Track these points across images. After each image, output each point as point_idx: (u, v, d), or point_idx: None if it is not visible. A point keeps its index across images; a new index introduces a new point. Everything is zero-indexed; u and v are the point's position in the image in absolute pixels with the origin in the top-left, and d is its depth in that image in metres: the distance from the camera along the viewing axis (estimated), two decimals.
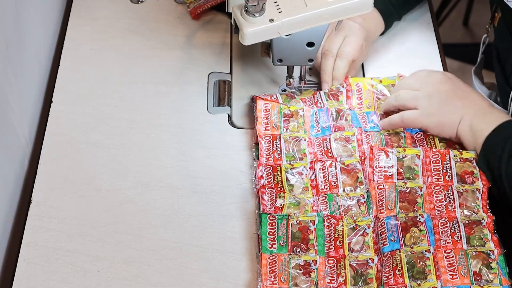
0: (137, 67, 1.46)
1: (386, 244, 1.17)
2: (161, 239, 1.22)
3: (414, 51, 1.51)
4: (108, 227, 1.23)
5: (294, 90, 1.41)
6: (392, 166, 1.26)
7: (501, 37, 1.37)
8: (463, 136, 1.27)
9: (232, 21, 1.24)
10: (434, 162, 1.26)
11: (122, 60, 1.47)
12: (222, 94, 1.43)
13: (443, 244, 1.17)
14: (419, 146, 1.30)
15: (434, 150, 1.28)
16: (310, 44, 1.31)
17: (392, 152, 1.28)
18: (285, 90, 1.42)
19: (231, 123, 1.38)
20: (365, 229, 1.20)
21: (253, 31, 1.21)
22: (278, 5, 1.23)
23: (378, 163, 1.27)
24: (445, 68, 1.48)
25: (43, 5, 1.47)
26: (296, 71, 1.40)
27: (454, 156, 1.26)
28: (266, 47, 1.36)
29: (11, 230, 1.27)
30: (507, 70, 1.36)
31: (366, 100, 1.38)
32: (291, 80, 1.40)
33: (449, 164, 1.26)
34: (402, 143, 1.31)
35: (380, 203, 1.22)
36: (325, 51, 1.39)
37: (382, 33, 1.49)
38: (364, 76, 1.46)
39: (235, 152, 1.33)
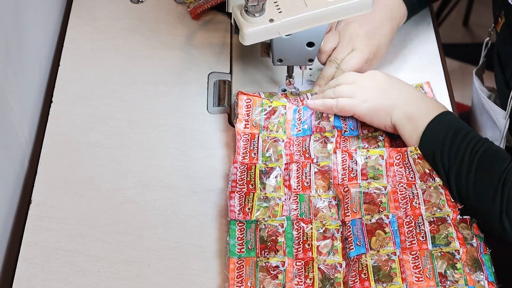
0: (137, 67, 1.46)
1: (352, 248, 1.17)
2: (161, 239, 1.22)
3: (414, 51, 1.51)
4: (108, 227, 1.23)
5: (294, 90, 1.41)
6: (356, 168, 1.26)
7: (503, 43, 1.36)
8: (399, 123, 1.27)
9: (232, 21, 1.24)
10: (397, 164, 1.26)
11: (122, 60, 1.47)
12: (222, 94, 1.43)
13: (409, 245, 1.17)
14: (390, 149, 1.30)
15: (397, 149, 1.28)
16: (310, 44, 1.31)
17: (356, 153, 1.28)
18: (285, 90, 1.42)
19: (231, 123, 1.38)
20: (334, 233, 1.20)
21: (253, 31, 1.21)
22: (278, 5, 1.23)
23: (342, 165, 1.27)
24: (445, 68, 1.49)
25: (43, 5, 1.47)
26: (296, 71, 1.40)
27: (411, 152, 1.26)
28: (266, 47, 1.36)
29: (11, 230, 1.27)
30: (507, 74, 1.36)
31: None
32: (291, 80, 1.40)
33: (409, 163, 1.26)
34: (380, 146, 1.30)
35: (346, 206, 1.22)
36: (331, 58, 1.39)
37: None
38: None
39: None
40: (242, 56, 1.49)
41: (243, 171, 1.26)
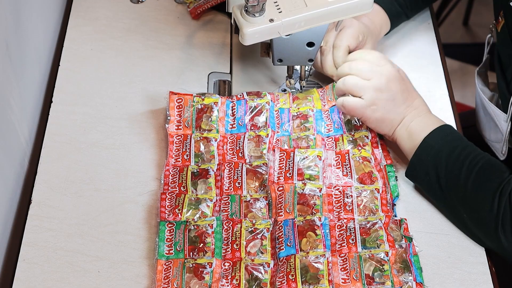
0: (137, 67, 1.46)
1: (283, 249, 1.17)
2: None
3: (414, 51, 1.51)
4: (108, 227, 1.23)
5: (294, 90, 1.41)
6: (292, 167, 1.26)
7: (503, 44, 1.36)
8: (399, 137, 1.28)
9: (232, 21, 1.24)
10: (335, 165, 1.27)
11: (122, 60, 1.47)
12: (222, 94, 1.43)
13: (338, 248, 1.18)
14: (325, 148, 1.30)
15: (336, 151, 1.28)
16: (310, 44, 1.31)
17: (293, 152, 1.27)
18: (285, 90, 1.42)
19: None
20: (264, 232, 1.20)
21: (253, 31, 1.21)
22: (278, 5, 1.23)
23: (279, 164, 1.27)
24: (445, 68, 1.49)
25: (43, 5, 1.47)
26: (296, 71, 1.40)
27: (353, 155, 1.27)
28: (266, 47, 1.36)
29: (11, 230, 1.27)
30: (507, 76, 1.35)
31: (282, 99, 1.37)
32: (291, 80, 1.40)
33: (348, 165, 1.26)
34: (310, 145, 1.30)
35: (279, 205, 1.22)
36: (322, 48, 1.38)
37: (388, 32, 1.49)
38: None
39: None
40: (242, 56, 1.49)
41: (175, 174, 1.26)
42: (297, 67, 1.40)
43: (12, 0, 1.27)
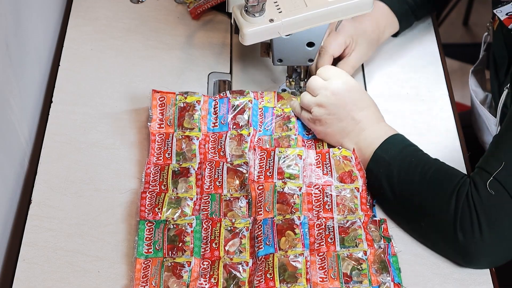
0: (137, 67, 1.46)
1: (261, 248, 1.17)
2: None
3: (414, 51, 1.51)
4: (108, 227, 1.23)
5: (294, 90, 1.41)
6: (273, 166, 1.26)
7: (498, 43, 1.36)
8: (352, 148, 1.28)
9: (232, 21, 1.24)
10: (316, 164, 1.27)
11: (122, 60, 1.47)
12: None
13: (317, 247, 1.18)
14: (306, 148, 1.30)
15: (317, 150, 1.29)
16: (310, 44, 1.31)
17: (274, 151, 1.27)
18: (285, 90, 1.42)
19: None
20: (243, 231, 1.20)
21: (253, 31, 1.21)
22: (278, 5, 1.23)
23: (259, 163, 1.26)
24: (445, 68, 1.49)
25: (43, 5, 1.47)
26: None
27: (334, 154, 1.27)
28: (266, 47, 1.36)
29: (11, 230, 1.27)
30: (500, 78, 1.35)
31: (266, 97, 1.37)
32: (291, 80, 1.40)
33: (329, 164, 1.26)
34: (292, 145, 1.30)
35: (259, 204, 1.22)
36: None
37: (398, 33, 1.49)
38: (364, 76, 1.46)
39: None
40: (242, 56, 1.49)
41: (156, 172, 1.26)
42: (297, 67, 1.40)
43: (12, 0, 1.27)
